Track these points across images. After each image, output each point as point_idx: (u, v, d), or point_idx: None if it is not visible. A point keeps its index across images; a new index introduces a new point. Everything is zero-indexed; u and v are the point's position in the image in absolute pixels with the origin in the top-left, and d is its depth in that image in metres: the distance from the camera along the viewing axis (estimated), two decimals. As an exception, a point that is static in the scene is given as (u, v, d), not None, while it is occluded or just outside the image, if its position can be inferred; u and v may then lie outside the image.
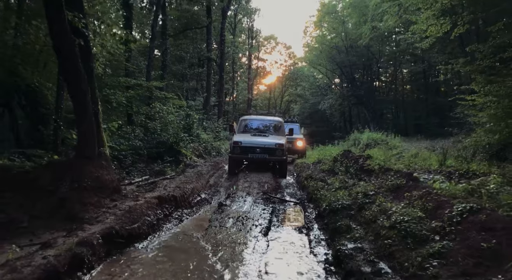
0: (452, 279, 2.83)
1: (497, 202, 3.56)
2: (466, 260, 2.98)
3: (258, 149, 9.66)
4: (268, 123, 11.68)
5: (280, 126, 11.51)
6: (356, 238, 4.16)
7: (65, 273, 3.42)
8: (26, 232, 4.56)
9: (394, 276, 3.17)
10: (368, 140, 17.25)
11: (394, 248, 3.60)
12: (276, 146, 9.74)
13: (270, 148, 9.72)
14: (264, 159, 9.79)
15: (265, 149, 9.69)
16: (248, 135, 10.56)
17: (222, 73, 21.90)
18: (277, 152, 9.76)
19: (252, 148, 9.66)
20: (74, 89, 5.53)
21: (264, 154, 9.68)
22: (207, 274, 3.70)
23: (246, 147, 9.67)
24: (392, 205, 4.50)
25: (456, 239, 3.27)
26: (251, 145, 9.71)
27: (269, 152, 9.70)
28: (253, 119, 12.20)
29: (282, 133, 11.14)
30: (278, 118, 12.61)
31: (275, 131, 11.20)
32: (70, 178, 5.38)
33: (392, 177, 5.90)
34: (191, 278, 3.57)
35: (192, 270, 3.78)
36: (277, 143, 9.83)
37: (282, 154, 9.84)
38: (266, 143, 9.80)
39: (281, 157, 9.86)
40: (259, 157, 9.69)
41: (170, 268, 3.84)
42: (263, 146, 9.71)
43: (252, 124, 11.55)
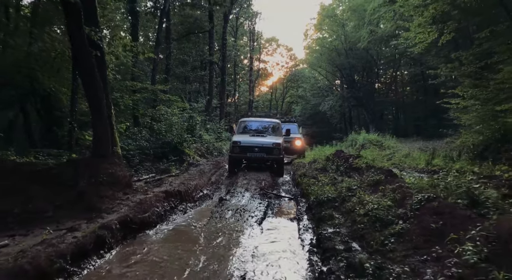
0: (404, 252, 3.52)
1: (448, 192, 4.24)
2: (418, 238, 3.66)
3: (257, 148, 10.15)
4: (265, 124, 12.23)
5: (277, 127, 12.09)
6: (336, 225, 4.86)
7: (91, 250, 4.14)
8: (52, 220, 5.25)
9: (361, 252, 3.85)
10: (364, 141, 17.91)
11: (365, 231, 4.30)
12: (273, 145, 10.25)
13: (267, 147, 10.21)
14: (262, 158, 10.27)
15: (263, 148, 10.18)
16: (247, 135, 11.08)
17: (224, 76, 22.66)
18: (275, 151, 10.25)
19: (251, 148, 10.16)
20: (91, 96, 6.27)
21: (262, 153, 10.17)
22: (208, 254, 4.41)
23: (245, 147, 10.17)
24: (369, 197, 5.19)
25: (414, 222, 3.96)
26: (250, 144, 10.23)
27: (266, 151, 10.19)
28: (251, 121, 12.74)
29: (279, 133, 11.68)
30: (275, 120, 13.19)
31: (272, 131, 11.75)
32: (88, 174, 6.11)
33: (374, 173, 6.59)
34: (195, 257, 4.27)
35: (195, 251, 4.48)
36: (274, 142, 10.34)
37: (279, 153, 10.34)
38: (264, 143, 10.32)
39: (278, 156, 10.37)
40: (257, 155, 10.18)
41: (176, 249, 4.54)
42: (261, 146, 10.22)
43: (251, 125, 12.09)
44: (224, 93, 23.15)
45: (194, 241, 4.89)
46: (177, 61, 21.07)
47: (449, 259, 3.00)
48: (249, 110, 37.17)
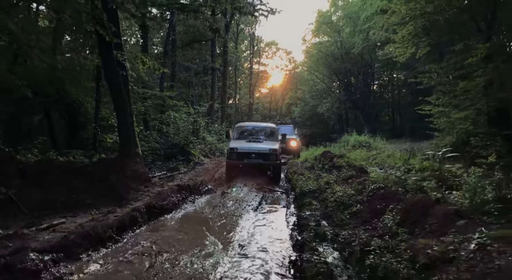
0: (355, 224, 4.95)
1: (394, 183, 5.67)
2: (366, 215, 5.10)
3: (253, 154, 10.17)
4: (262, 129, 12.26)
5: (273, 132, 12.09)
6: (313, 209, 6.29)
7: (128, 225, 5.58)
8: (91, 206, 6.68)
9: (326, 226, 5.28)
10: (354, 142, 19.32)
11: (332, 212, 5.73)
12: (270, 151, 10.30)
13: (264, 153, 10.24)
14: (259, 164, 10.24)
15: (259, 154, 10.19)
16: (243, 141, 11.09)
17: (225, 81, 24.14)
18: (271, 157, 10.29)
19: (248, 154, 10.18)
20: (118, 107, 7.72)
21: (259, 159, 10.19)
22: (216, 228, 5.85)
23: (242, 153, 10.19)
24: (339, 188, 6.63)
25: (366, 205, 5.40)
26: (247, 150, 10.25)
27: (263, 157, 10.20)
28: (247, 126, 12.76)
29: (276, 138, 11.72)
30: (271, 124, 13.18)
31: (268, 136, 11.74)
32: (116, 171, 7.56)
33: (349, 170, 8.03)
34: (207, 230, 5.71)
35: (204, 229, 5.91)
36: (271, 148, 10.41)
37: (276, 159, 10.37)
38: (260, 149, 10.35)
39: (275, 162, 10.40)
40: (254, 162, 10.18)
41: (189, 227, 5.97)
42: (258, 152, 10.23)
43: (247, 130, 12.12)
44: (226, 97, 24.67)
45: (204, 221, 6.33)
46: (181, 67, 22.52)
47: (379, 225, 4.43)
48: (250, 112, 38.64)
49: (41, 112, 12.26)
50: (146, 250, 4.75)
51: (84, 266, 4.15)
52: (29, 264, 3.60)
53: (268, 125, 13.11)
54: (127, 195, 7.23)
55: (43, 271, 3.66)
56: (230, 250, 4.74)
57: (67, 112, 11.22)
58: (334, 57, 33.32)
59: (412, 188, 5.20)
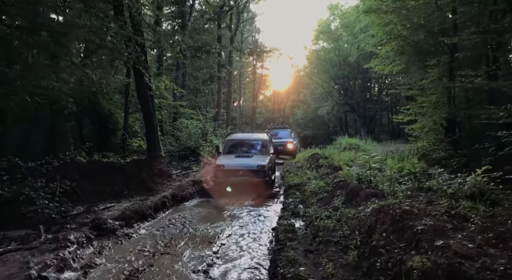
0: (319, 206, 7.12)
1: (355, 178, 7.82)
2: (327, 199, 7.27)
3: (241, 171, 9.74)
4: (253, 142, 11.70)
5: (265, 144, 11.52)
6: (294, 197, 8.48)
7: (159, 208, 7.81)
8: (128, 196, 8.91)
9: (301, 208, 7.46)
10: (346, 144, 21.42)
11: (306, 199, 7.92)
12: (258, 168, 9.77)
13: (252, 170, 9.74)
14: (246, 182, 9.67)
15: (247, 171, 9.73)
16: (232, 156, 10.73)
17: (230, 88, 26.41)
18: (259, 174, 9.74)
19: (235, 171, 9.77)
20: (147, 119, 9.98)
21: (246, 176, 9.68)
22: (225, 209, 8.07)
23: (229, 170, 9.80)
24: (316, 182, 8.82)
25: (329, 192, 7.57)
26: (234, 167, 9.86)
27: (251, 174, 9.69)
28: (238, 140, 12.10)
29: (267, 151, 11.17)
30: (263, 136, 12.34)
31: (260, 149, 11.29)
32: (146, 169, 9.81)
33: (328, 169, 10.21)
34: (219, 210, 7.92)
35: (216, 211, 8.12)
36: (259, 164, 9.85)
37: (264, 176, 9.78)
38: (248, 165, 9.87)
39: (263, 179, 9.79)
40: (241, 180, 9.66)
41: (204, 210, 8.19)
42: (245, 168, 9.78)
43: (237, 144, 11.67)
44: (230, 102, 26.95)
45: (215, 206, 8.56)
46: (190, 76, 24.78)
47: (332, 205, 6.62)
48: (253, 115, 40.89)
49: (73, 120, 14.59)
50: (175, 222, 6.99)
51: (137, 230, 6.39)
52: (109, 225, 5.84)
53: (260, 136, 12.28)
54: (155, 187, 9.48)
55: (117, 229, 5.90)
56: (233, 222, 6.97)
57: (98, 120, 13.49)
58: (332, 64, 35.40)
59: (364, 180, 7.36)
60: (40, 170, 8.00)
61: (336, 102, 38.16)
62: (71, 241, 4.83)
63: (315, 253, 4.46)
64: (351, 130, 42.59)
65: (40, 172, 7.88)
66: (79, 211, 7.03)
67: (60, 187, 7.73)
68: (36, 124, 14.01)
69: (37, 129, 14.10)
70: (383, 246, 3.52)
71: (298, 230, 5.80)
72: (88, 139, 14.54)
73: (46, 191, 7.17)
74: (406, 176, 7.09)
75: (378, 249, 3.54)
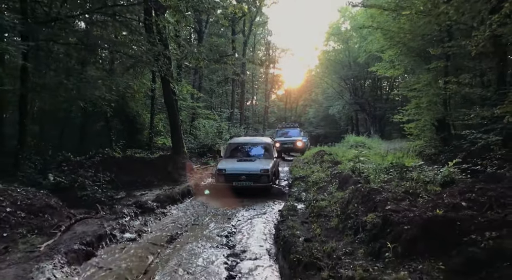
0: (318, 192, 8.53)
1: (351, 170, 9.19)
2: (325, 187, 8.68)
3: (243, 176, 9.52)
4: (256, 146, 11.47)
5: (268, 148, 11.29)
6: (299, 187, 9.89)
7: (186, 194, 9.36)
8: (157, 186, 10.46)
9: (304, 195, 8.87)
10: (353, 142, 22.67)
11: (308, 188, 9.33)
12: (261, 172, 9.55)
13: (255, 174, 9.56)
14: (249, 187, 9.52)
15: (250, 176, 9.51)
16: (234, 160, 10.55)
17: (243, 89, 27.92)
18: (262, 178, 9.55)
19: (237, 176, 9.56)
20: (172, 121, 11.56)
21: (249, 181, 9.50)
22: (238, 199, 9.57)
23: (231, 175, 9.62)
24: (317, 174, 10.22)
25: (327, 182, 8.98)
26: (236, 172, 9.66)
27: (253, 179, 9.51)
28: (240, 143, 11.93)
29: (270, 155, 10.97)
30: (266, 139, 12.23)
31: (263, 153, 11.09)
32: (171, 163, 11.39)
33: (329, 163, 11.59)
34: (232, 199, 9.40)
35: (232, 198, 9.60)
36: (262, 168, 9.64)
37: (267, 180, 9.60)
38: (251, 169, 9.68)
39: (266, 184, 9.62)
40: (243, 184, 9.49)
41: (222, 198, 9.68)
42: (248, 173, 9.57)
43: (239, 147, 11.52)
44: (243, 103, 28.44)
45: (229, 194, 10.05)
46: (206, 78, 26.42)
47: (328, 190, 8.03)
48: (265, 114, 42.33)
49: (103, 120, 16.31)
50: (199, 205, 8.53)
51: (170, 210, 7.94)
52: (149, 205, 7.39)
53: (263, 140, 12.17)
54: (179, 178, 11.06)
55: (155, 209, 7.45)
56: (246, 206, 8.46)
57: (127, 121, 15.17)
58: (342, 64, 36.53)
59: (355, 171, 8.74)
60: (87, 163, 9.65)
61: (346, 101, 39.27)
62: (125, 214, 6.41)
63: (309, 223, 5.90)
64: (362, 129, 43.58)
65: (87, 165, 9.53)
66: (122, 196, 8.64)
67: (102, 177, 9.38)
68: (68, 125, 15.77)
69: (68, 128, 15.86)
70: (354, 212, 4.94)
71: (299, 210, 7.23)
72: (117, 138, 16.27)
73: (94, 180, 8.79)
74: (391, 169, 8.47)
75: (350, 215, 4.96)
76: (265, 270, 4.48)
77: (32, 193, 6.03)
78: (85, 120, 15.35)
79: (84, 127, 15.41)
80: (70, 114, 14.69)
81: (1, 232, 4.66)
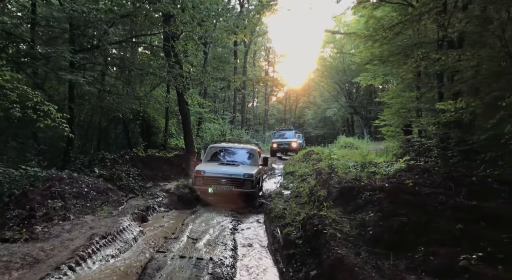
0: (300, 183, 11.03)
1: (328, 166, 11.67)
2: (308, 179, 11.18)
3: (224, 179, 8.81)
4: (240, 152, 10.73)
5: (253, 154, 10.62)
6: (289, 179, 12.41)
7: (198, 185, 11.89)
8: (174, 179, 12.97)
9: (291, 185, 11.35)
10: (343, 143, 25.16)
11: (295, 180, 11.84)
12: (245, 177, 8.82)
13: (237, 179, 8.81)
14: (230, 192, 8.78)
15: (231, 180, 8.81)
16: (214, 164, 9.89)
17: (244, 95, 30.47)
18: (246, 184, 8.79)
19: (217, 179, 8.85)
20: (185, 126, 14.07)
21: (230, 185, 8.78)
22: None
23: (210, 178, 8.90)
24: (303, 170, 12.73)
25: (310, 175, 11.48)
26: (216, 175, 8.92)
27: (236, 184, 8.80)
28: (222, 148, 11.26)
29: (256, 162, 10.35)
30: (251, 146, 11.52)
31: (247, 160, 10.39)
32: (185, 161, 13.90)
33: (314, 161, 14.10)
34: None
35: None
36: (247, 173, 8.93)
37: (251, 186, 8.89)
38: (233, 173, 8.92)
39: (249, 190, 8.89)
40: (223, 189, 8.77)
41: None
42: (230, 177, 8.83)
43: (222, 152, 10.83)
44: (245, 107, 30.94)
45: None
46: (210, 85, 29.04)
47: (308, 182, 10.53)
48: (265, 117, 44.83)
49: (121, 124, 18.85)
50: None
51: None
52: (172, 191, 9.89)
53: (248, 146, 11.50)
54: (192, 173, 13.56)
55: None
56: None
57: (144, 124, 17.70)
58: (337, 70, 38.99)
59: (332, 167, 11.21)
60: (120, 160, 12.18)
61: (341, 105, 41.74)
62: (158, 196, 8.94)
63: (289, 201, 8.40)
64: (357, 130, 46.08)
65: (120, 162, 12.06)
66: (150, 185, 11.17)
67: (133, 171, 11.91)
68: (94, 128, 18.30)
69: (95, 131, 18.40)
70: (315, 191, 7.45)
71: (285, 194, 9.74)
72: (135, 140, 18.77)
73: (127, 173, 11.32)
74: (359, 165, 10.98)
75: (313, 193, 7.47)
76: (256, 227, 7.01)
77: (94, 179, 8.57)
78: (107, 124, 17.90)
79: (106, 130, 17.97)
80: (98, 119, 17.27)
81: (85, 203, 7.18)
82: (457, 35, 9.05)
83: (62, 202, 6.83)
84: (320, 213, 5.00)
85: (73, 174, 8.30)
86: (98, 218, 6.30)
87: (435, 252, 3.24)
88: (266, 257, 5.10)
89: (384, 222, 4.04)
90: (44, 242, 4.73)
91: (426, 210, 4.23)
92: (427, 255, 3.27)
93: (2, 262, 3.92)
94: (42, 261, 4.13)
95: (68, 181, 7.68)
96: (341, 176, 8.11)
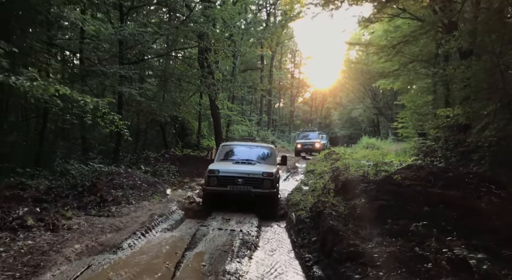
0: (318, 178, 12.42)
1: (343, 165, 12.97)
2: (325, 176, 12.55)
3: (240, 179, 7.97)
4: (255, 151, 9.87)
5: (270, 153, 9.85)
6: (309, 177, 13.81)
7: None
8: (198, 175, 14.69)
9: (310, 181, 12.75)
10: (365, 143, 26.14)
11: (314, 177, 13.23)
12: (264, 176, 8.06)
13: (256, 178, 8.01)
14: (248, 192, 7.97)
15: (249, 180, 7.99)
16: (229, 163, 9.19)
17: (270, 97, 31.96)
18: (265, 183, 8.01)
19: (233, 179, 8.01)
20: (216, 128, 15.81)
21: (248, 185, 7.95)
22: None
23: (225, 177, 8.09)
24: (322, 168, 14.09)
25: (327, 173, 12.84)
26: (232, 174, 8.11)
27: (254, 184, 7.97)
28: (236, 146, 10.46)
29: (273, 161, 9.55)
30: (268, 145, 11.16)
31: (264, 159, 9.58)
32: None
33: (333, 160, 15.40)
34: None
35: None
36: (265, 171, 8.19)
37: (271, 186, 8.08)
38: (251, 172, 8.17)
39: (270, 190, 8.06)
40: (240, 189, 7.95)
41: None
42: (247, 176, 8.03)
43: (235, 151, 10.00)
44: (271, 109, 32.46)
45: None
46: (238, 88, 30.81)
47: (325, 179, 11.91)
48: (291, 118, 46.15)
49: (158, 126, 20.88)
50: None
51: (219, 189, 12.10)
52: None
53: (264, 145, 11.05)
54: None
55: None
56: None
57: (179, 127, 19.61)
58: (362, 72, 39.67)
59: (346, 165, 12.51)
60: (161, 159, 14.04)
61: (366, 106, 42.37)
62: (195, 188, 10.63)
63: (306, 195, 9.83)
64: (383, 130, 46.43)
65: (162, 160, 13.91)
66: (187, 181, 12.92)
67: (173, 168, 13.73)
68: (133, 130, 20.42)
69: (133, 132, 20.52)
70: (327, 186, 8.85)
71: (303, 190, 11.17)
72: (171, 140, 20.75)
73: (168, 170, 13.14)
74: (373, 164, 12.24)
75: (326, 187, 8.87)
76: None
77: (143, 174, 10.37)
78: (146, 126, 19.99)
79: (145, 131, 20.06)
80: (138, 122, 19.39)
81: (139, 193, 8.95)
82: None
83: (122, 192, 8.64)
84: (324, 200, 6.43)
85: (127, 169, 10.15)
86: (153, 204, 8.03)
87: (397, 223, 4.63)
88: (282, 233, 6.62)
89: (369, 204, 5.42)
90: (120, 217, 6.48)
91: (404, 197, 5.56)
92: (392, 225, 4.67)
93: (98, 228, 5.69)
94: (123, 229, 5.85)
95: (125, 175, 9.52)
96: (352, 173, 9.46)
